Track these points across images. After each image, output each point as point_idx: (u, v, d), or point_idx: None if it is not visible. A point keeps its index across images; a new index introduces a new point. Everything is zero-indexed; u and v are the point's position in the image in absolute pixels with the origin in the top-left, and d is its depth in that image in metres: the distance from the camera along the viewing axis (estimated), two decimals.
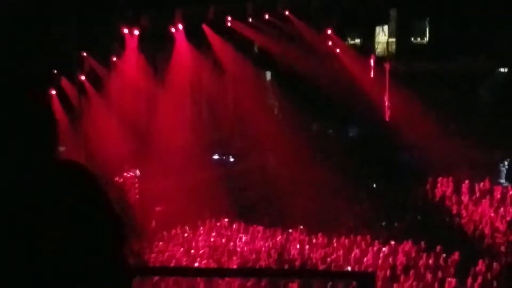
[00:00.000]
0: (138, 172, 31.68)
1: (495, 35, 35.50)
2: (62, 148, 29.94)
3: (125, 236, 3.43)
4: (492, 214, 25.40)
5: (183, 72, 33.48)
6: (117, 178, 30.67)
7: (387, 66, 36.08)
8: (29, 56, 23.44)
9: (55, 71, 29.15)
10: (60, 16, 28.25)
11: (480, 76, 37.02)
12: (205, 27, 33.57)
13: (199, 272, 9.21)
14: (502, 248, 22.41)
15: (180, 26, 32.57)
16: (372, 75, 36.87)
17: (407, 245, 22.97)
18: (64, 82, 30.00)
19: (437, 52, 37.57)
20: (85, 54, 30.95)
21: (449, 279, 19.58)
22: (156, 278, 18.53)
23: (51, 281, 3.05)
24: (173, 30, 32.57)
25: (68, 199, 3.17)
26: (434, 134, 32.31)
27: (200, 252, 24.39)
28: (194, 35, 33.27)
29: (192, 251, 24.75)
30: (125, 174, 31.31)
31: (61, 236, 3.09)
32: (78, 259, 3.13)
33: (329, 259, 22.50)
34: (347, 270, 19.85)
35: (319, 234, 25.19)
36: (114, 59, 31.74)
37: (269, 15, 35.26)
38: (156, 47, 33.00)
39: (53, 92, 29.06)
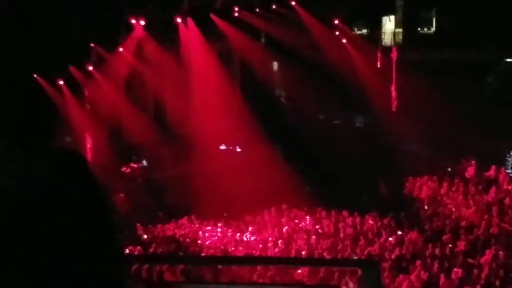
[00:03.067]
0: (144, 162, 31.78)
1: (501, 25, 35.42)
2: (68, 139, 30.17)
3: (118, 229, 3.44)
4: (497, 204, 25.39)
5: (190, 61, 33.56)
6: (124, 168, 30.76)
7: (393, 56, 36.07)
8: (37, 46, 23.44)
9: (64, 60, 29.19)
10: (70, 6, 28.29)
11: (486, 65, 36.92)
12: (213, 16, 33.61)
13: (205, 260, 9.23)
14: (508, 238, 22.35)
15: (184, 16, 32.68)
16: (379, 65, 36.89)
17: (414, 235, 22.99)
18: (73, 72, 30.05)
19: (443, 42, 37.48)
20: (92, 44, 31.00)
21: (456, 269, 19.57)
22: (162, 267, 18.58)
23: (48, 279, 3.07)
24: (179, 20, 32.61)
25: (62, 192, 3.16)
26: (440, 124, 32.35)
27: (207, 243, 24.46)
28: (200, 26, 33.34)
29: (199, 241, 24.82)
30: (132, 164, 31.40)
31: (57, 231, 3.10)
32: (73, 254, 3.14)
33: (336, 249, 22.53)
34: (353, 258, 19.86)
35: (325, 224, 25.26)
36: (121, 49, 31.78)
37: (276, 5, 35.28)
38: (164, 37, 33.00)
39: (61, 82, 29.13)
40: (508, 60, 37.87)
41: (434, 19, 40.40)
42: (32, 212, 3.04)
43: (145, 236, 25.28)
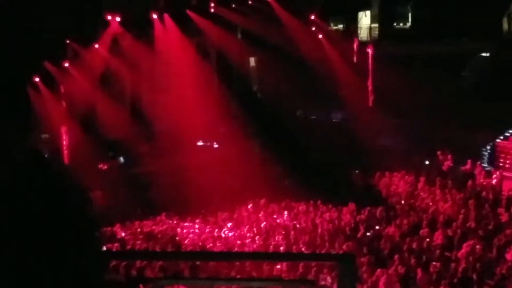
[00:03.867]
0: (121, 159, 31.70)
1: (477, 19, 35.70)
2: (45, 135, 30.06)
3: (96, 226, 3.43)
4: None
5: (167, 57, 33.50)
6: (101, 165, 30.66)
7: (370, 51, 36.18)
8: (15, 44, 23.34)
9: (39, 57, 29.02)
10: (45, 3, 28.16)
11: (462, 59, 37.13)
12: (189, 12, 33.59)
13: (183, 256, 9.24)
14: (485, 231, 22.47)
15: (160, 12, 32.69)
16: (355, 60, 36.99)
17: (391, 229, 23.10)
18: (49, 68, 29.90)
19: (419, 37, 37.68)
20: (68, 41, 30.87)
21: (434, 263, 19.69)
22: (141, 263, 18.57)
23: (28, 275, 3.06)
24: (154, 16, 32.57)
25: (39, 191, 3.14)
26: (417, 117, 32.50)
27: (186, 242, 24.39)
28: (177, 21, 33.31)
29: (177, 238, 24.78)
30: (109, 161, 31.30)
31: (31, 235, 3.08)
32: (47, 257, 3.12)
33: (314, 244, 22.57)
34: (329, 253, 19.92)
35: (303, 220, 25.32)
36: (97, 45, 31.67)
37: (252, 1, 35.30)
38: (141, 32, 32.88)
39: (37, 79, 29.00)
40: (483, 54, 38.12)
41: (409, 14, 40.62)
42: (11, 208, 3.04)
43: (123, 234, 25.22)
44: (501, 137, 32.00)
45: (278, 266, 19.08)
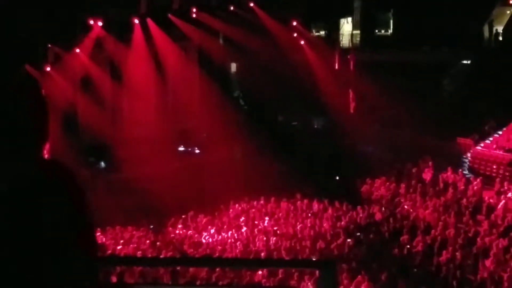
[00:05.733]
0: (102, 164, 31.59)
1: (458, 27, 35.89)
2: None
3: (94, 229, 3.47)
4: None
5: (150, 62, 33.44)
6: (83, 171, 30.53)
7: (351, 58, 36.27)
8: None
9: (20, 60, 28.80)
10: (27, 7, 28.02)
11: (442, 67, 37.25)
12: (171, 17, 33.52)
13: (164, 261, 9.18)
14: (464, 239, 22.53)
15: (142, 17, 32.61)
16: (336, 67, 37.05)
17: (372, 236, 23.13)
18: (30, 72, 29.71)
19: (400, 44, 37.77)
20: (49, 45, 30.72)
21: (415, 269, 19.75)
22: (120, 268, 18.46)
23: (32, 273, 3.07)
24: (136, 21, 32.48)
25: (49, 206, 3.18)
26: (398, 125, 32.56)
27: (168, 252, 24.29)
28: (159, 27, 33.27)
29: (158, 243, 24.68)
30: (89, 166, 31.18)
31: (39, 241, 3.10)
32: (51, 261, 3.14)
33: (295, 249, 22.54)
34: (309, 259, 19.90)
35: (284, 226, 25.29)
36: (78, 49, 31.53)
37: (234, 7, 35.31)
38: (123, 37, 32.75)
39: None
40: (465, 62, 38.28)
41: (391, 21, 40.78)
42: (20, 212, 3.06)
43: (104, 239, 25.09)
44: (481, 145, 32.08)
45: (260, 272, 19.07)
